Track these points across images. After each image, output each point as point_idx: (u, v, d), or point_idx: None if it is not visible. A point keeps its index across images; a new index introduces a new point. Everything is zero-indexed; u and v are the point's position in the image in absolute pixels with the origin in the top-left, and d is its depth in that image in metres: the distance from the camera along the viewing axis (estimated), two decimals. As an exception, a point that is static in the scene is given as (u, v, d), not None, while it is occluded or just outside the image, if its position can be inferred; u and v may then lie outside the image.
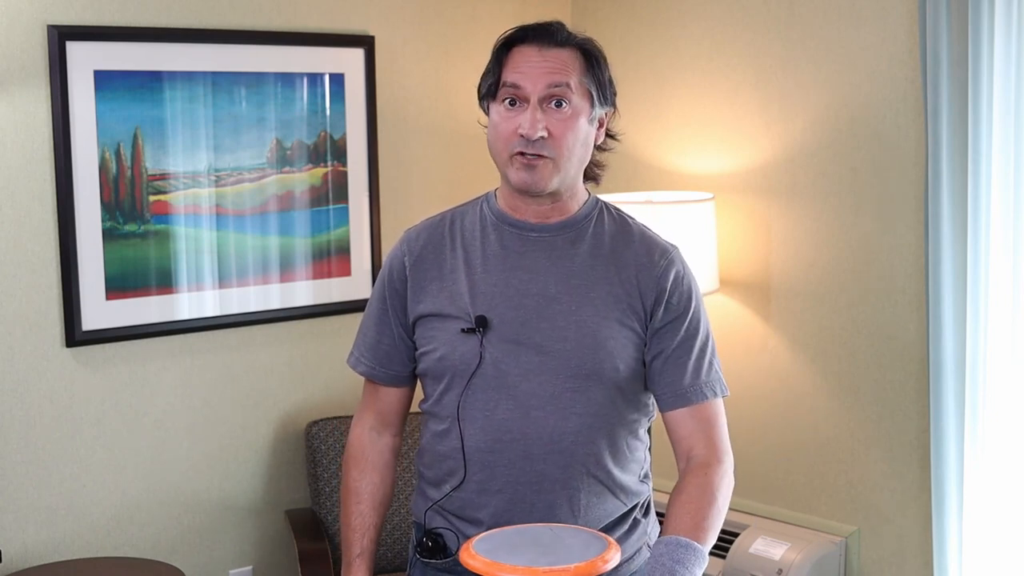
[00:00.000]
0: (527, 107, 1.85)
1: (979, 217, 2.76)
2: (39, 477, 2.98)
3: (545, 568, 1.57)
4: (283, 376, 3.36)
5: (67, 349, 2.99)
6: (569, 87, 1.85)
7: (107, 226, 3.01)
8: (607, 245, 1.95)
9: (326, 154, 3.36)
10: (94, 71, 2.95)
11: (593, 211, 1.98)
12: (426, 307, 1.95)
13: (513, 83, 1.85)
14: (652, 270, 1.93)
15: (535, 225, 1.94)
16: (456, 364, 1.90)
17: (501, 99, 1.87)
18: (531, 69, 1.85)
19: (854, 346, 3.18)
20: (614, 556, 1.62)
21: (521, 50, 1.88)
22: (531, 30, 1.90)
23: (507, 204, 1.96)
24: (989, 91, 2.71)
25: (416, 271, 1.97)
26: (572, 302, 1.90)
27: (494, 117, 1.90)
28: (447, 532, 1.96)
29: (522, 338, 1.89)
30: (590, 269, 1.92)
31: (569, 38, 1.89)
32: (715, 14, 3.44)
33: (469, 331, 1.89)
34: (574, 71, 1.87)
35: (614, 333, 1.90)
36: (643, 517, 2.03)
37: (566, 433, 1.89)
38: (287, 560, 3.38)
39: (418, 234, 2.02)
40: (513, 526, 1.78)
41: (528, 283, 1.91)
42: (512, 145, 1.86)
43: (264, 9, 3.24)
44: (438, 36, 3.57)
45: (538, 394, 1.88)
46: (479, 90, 1.94)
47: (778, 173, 3.32)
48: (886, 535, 3.16)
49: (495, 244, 1.95)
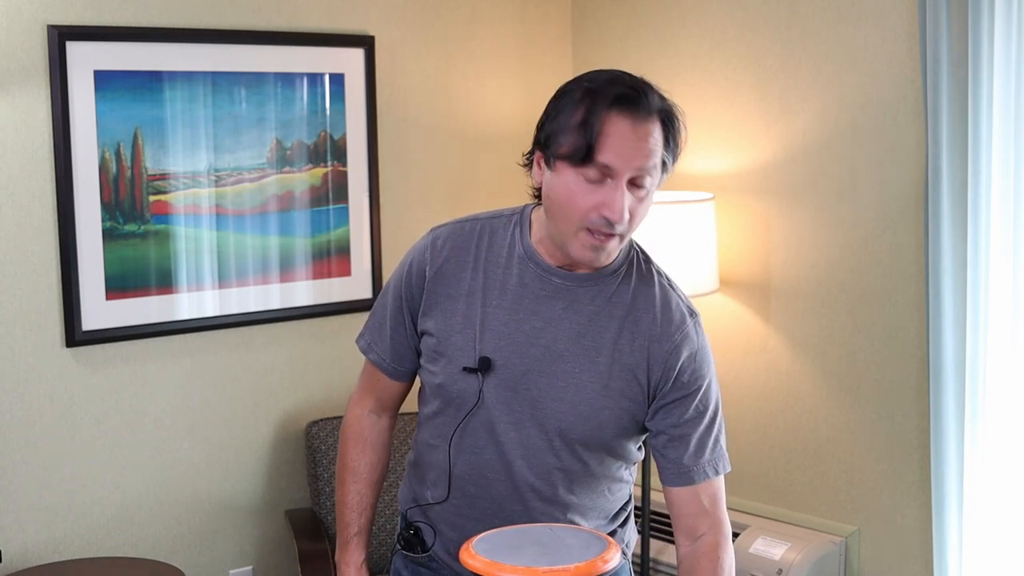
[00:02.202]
0: (608, 184, 1.74)
1: (979, 217, 2.76)
2: (39, 477, 2.98)
3: (545, 568, 1.57)
4: (283, 376, 3.36)
5: (67, 349, 2.98)
6: (655, 167, 1.76)
7: (107, 226, 3.01)
8: (627, 304, 1.88)
9: (326, 154, 3.36)
10: (94, 71, 2.95)
11: (623, 265, 1.90)
12: (435, 324, 1.92)
13: (607, 163, 1.72)
14: (665, 344, 1.86)
15: (561, 272, 1.87)
16: (454, 396, 1.90)
17: (585, 170, 1.74)
18: (627, 149, 1.73)
19: (854, 346, 3.18)
20: (614, 556, 1.62)
21: (617, 121, 1.73)
22: (627, 98, 1.74)
23: (540, 244, 1.88)
24: (989, 91, 2.71)
25: (434, 283, 1.93)
26: (577, 363, 1.86)
27: (571, 184, 1.75)
28: (425, 527, 1.99)
29: (520, 387, 1.87)
30: (603, 331, 1.86)
31: (660, 104, 1.77)
32: (715, 14, 3.44)
33: (471, 370, 1.87)
34: (659, 147, 1.76)
35: (611, 404, 1.87)
36: (621, 528, 2.05)
37: (548, 485, 1.90)
38: (287, 560, 3.38)
39: (444, 241, 1.94)
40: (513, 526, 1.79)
41: (539, 332, 1.86)
42: (588, 220, 1.75)
43: (264, 9, 3.24)
44: (438, 36, 3.57)
45: (525, 445, 1.88)
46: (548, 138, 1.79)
47: (778, 173, 3.32)
48: (886, 535, 3.16)
49: (515, 279, 1.89)
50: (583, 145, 1.72)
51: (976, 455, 2.84)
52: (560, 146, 1.76)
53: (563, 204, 1.77)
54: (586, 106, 1.74)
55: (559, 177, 1.77)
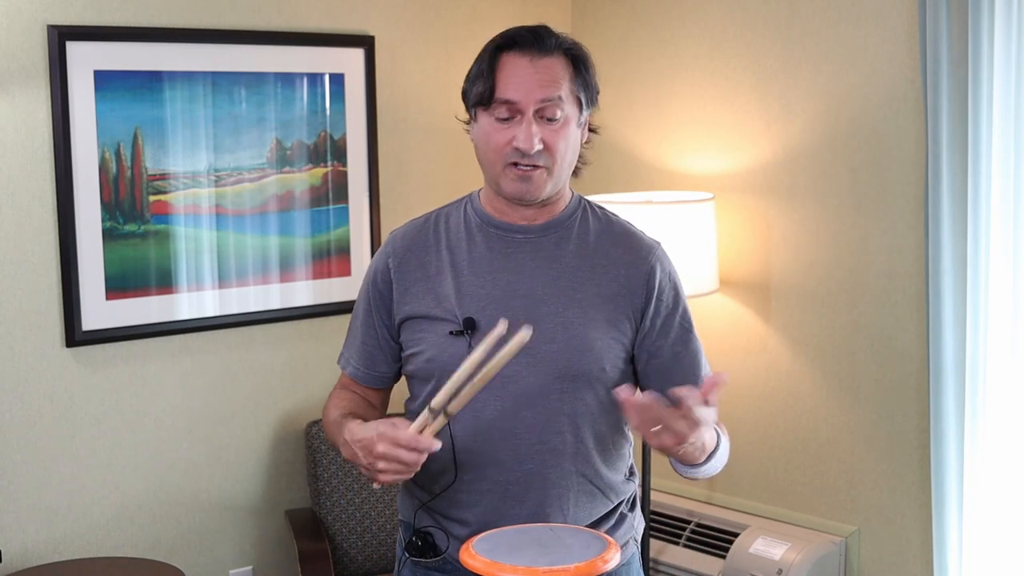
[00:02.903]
0: (520, 119, 1.86)
1: (979, 217, 2.76)
2: (39, 477, 2.98)
3: (545, 568, 1.57)
4: (283, 376, 3.36)
5: (67, 349, 2.99)
6: (561, 99, 1.87)
7: (107, 226, 3.01)
8: (592, 244, 1.96)
9: (326, 154, 3.36)
10: (94, 71, 2.95)
11: (577, 211, 1.99)
12: (411, 309, 1.96)
13: (507, 99, 1.86)
14: (640, 268, 1.94)
15: (520, 227, 1.95)
16: (444, 366, 1.89)
17: (493, 111, 1.88)
18: (524, 82, 1.86)
19: (854, 346, 3.18)
20: (614, 556, 1.63)
21: (513, 60, 1.88)
22: (520, 37, 1.90)
23: (492, 207, 1.97)
24: (989, 91, 2.71)
25: (400, 273, 1.98)
26: (559, 304, 1.91)
27: (485, 127, 1.90)
28: (436, 531, 1.97)
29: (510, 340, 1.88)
30: (576, 270, 1.93)
31: (558, 43, 1.90)
32: (715, 14, 3.44)
33: (457, 333, 1.90)
34: (564, 79, 1.88)
35: (601, 335, 1.90)
36: (629, 511, 2.04)
37: (555, 432, 1.90)
38: (287, 560, 3.38)
39: (403, 235, 2.03)
40: (513, 526, 1.79)
41: (515, 285, 1.92)
42: (506, 156, 1.87)
43: (264, 9, 3.24)
44: (438, 36, 3.57)
45: (526, 394, 1.88)
46: (465, 94, 1.95)
47: (778, 173, 3.32)
48: (886, 535, 3.16)
49: (481, 246, 1.95)
50: (486, 87, 1.88)
51: (976, 455, 2.84)
52: (471, 97, 1.93)
53: (484, 147, 1.91)
54: (487, 53, 1.91)
55: (478, 125, 1.93)
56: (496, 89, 1.87)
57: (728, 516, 3.40)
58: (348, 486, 3.24)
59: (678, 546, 3.37)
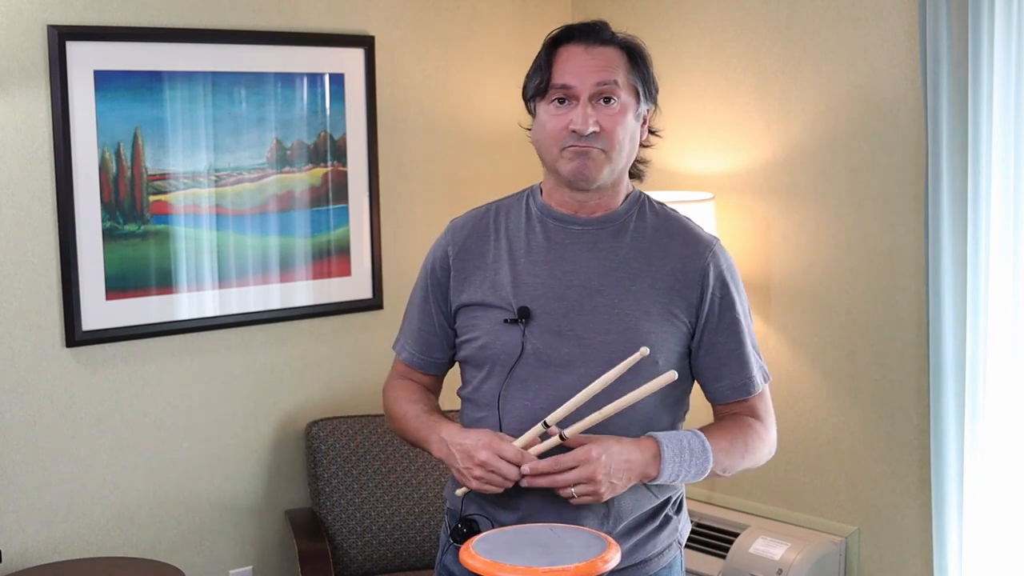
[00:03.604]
0: (576, 104, 1.89)
1: (979, 217, 2.76)
2: (39, 477, 2.98)
3: (545, 568, 1.57)
4: (283, 376, 3.36)
5: (67, 349, 2.99)
6: (617, 84, 1.90)
7: (107, 226, 3.01)
8: (649, 238, 1.97)
9: (326, 154, 3.36)
10: (94, 71, 2.95)
11: (635, 206, 2.00)
12: (469, 296, 1.98)
13: (563, 83, 1.89)
14: (697, 263, 1.95)
15: (578, 219, 1.97)
16: (498, 353, 1.93)
17: (550, 99, 1.91)
18: (580, 68, 1.89)
19: (854, 346, 3.18)
20: (614, 556, 1.62)
21: (568, 49, 1.92)
22: (577, 29, 1.94)
23: (551, 198, 2.00)
24: (989, 91, 2.71)
25: (460, 261, 2.01)
26: (614, 295, 1.92)
27: (542, 116, 1.93)
28: (481, 519, 1.97)
29: (564, 329, 1.91)
30: (632, 262, 1.94)
31: (614, 36, 1.95)
32: (715, 14, 3.44)
33: (512, 321, 1.92)
34: (621, 68, 1.92)
35: (655, 327, 1.91)
36: (675, 514, 2.04)
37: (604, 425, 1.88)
38: (287, 560, 3.38)
39: (463, 225, 2.05)
40: (513, 526, 1.79)
41: (571, 274, 1.94)
42: (563, 140, 1.89)
43: (264, 9, 3.24)
44: (438, 36, 3.57)
45: (577, 385, 1.87)
46: (525, 90, 1.98)
47: (778, 173, 3.32)
48: (886, 535, 3.16)
49: (539, 236, 1.97)
50: (543, 77, 1.92)
51: (976, 455, 2.84)
52: (529, 90, 1.96)
53: (543, 135, 1.93)
54: (544, 47, 1.95)
55: (537, 117, 1.95)
56: (552, 77, 1.90)
57: (728, 516, 3.40)
58: (348, 486, 3.24)
59: (678, 546, 3.37)
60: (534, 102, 1.95)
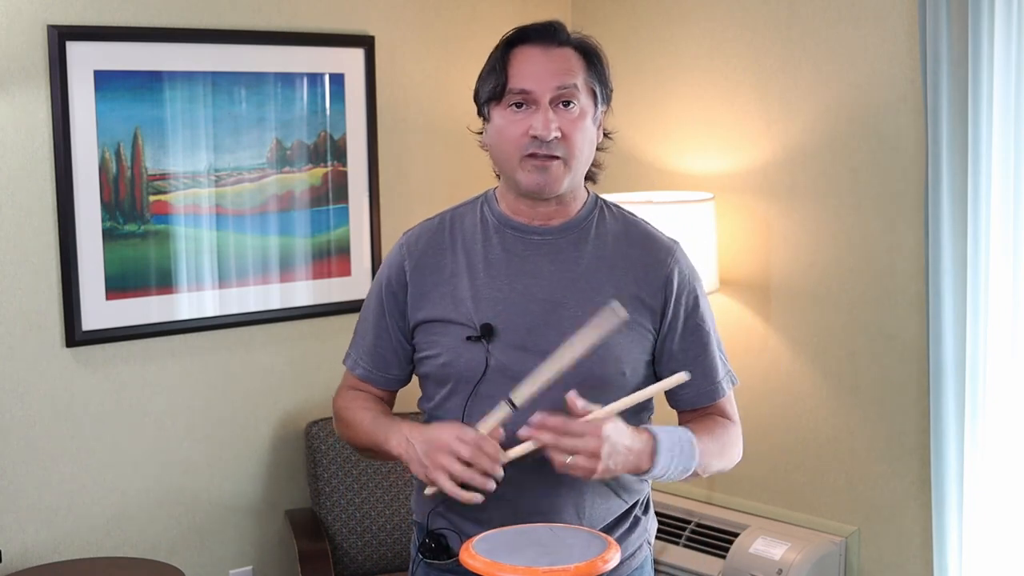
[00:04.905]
0: (536, 109, 1.83)
1: (979, 217, 2.76)
2: (39, 477, 2.98)
3: (545, 568, 1.57)
4: (283, 376, 3.36)
5: (67, 349, 2.99)
6: (577, 87, 1.85)
7: (107, 226, 3.01)
8: (611, 246, 1.93)
9: (326, 154, 3.36)
10: (94, 71, 2.95)
11: (593, 211, 1.96)
12: (428, 313, 1.93)
13: (522, 88, 1.83)
14: (659, 270, 1.92)
15: (537, 228, 1.92)
16: (461, 371, 1.89)
17: (507, 103, 1.85)
18: (539, 71, 1.83)
19: (854, 346, 3.17)
20: (614, 556, 1.62)
21: (524, 51, 1.86)
22: (533, 30, 1.88)
23: (508, 207, 1.94)
24: (989, 91, 2.71)
25: (416, 276, 1.95)
26: (578, 307, 1.88)
27: (499, 121, 1.86)
28: (450, 533, 1.95)
29: (529, 345, 1.86)
30: (595, 272, 1.91)
31: (571, 38, 1.88)
32: (715, 14, 3.44)
33: (475, 339, 1.87)
34: (579, 71, 1.86)
35: (621, 338, 1.87)
36: (643, 515, 2.03)
37: None
38: (287, 560, 3.38)
39: (417, 238, 1.99)
40: (513, 526, 1.78)
41: (533, 288, 1.89)
42: (523, 147, 1.83)
43: (264, 9, 3.24)
44: (438, 36, 3.57)
45: (543, 397, 1.85)
46: (477, 94, 1.91)
47: (778, 173, 3.32)
48: (886, 535, 3.16)
49: (497, 248, 1.92)
50: (499, 81, 1.84)
51: (976, 455, 2.84)
52: (483, 94, 1.88)
53: (500, 141, 1.87)
54: (498, 50, 1.88)
55: (492, 122, 1.88)
56: (509, 81, 1.84)
57: (728, 516, 3.40)
58: (348, 486, 3.24)
59: (678, 546, 3.36)
60: (488, 106, 1.88)
